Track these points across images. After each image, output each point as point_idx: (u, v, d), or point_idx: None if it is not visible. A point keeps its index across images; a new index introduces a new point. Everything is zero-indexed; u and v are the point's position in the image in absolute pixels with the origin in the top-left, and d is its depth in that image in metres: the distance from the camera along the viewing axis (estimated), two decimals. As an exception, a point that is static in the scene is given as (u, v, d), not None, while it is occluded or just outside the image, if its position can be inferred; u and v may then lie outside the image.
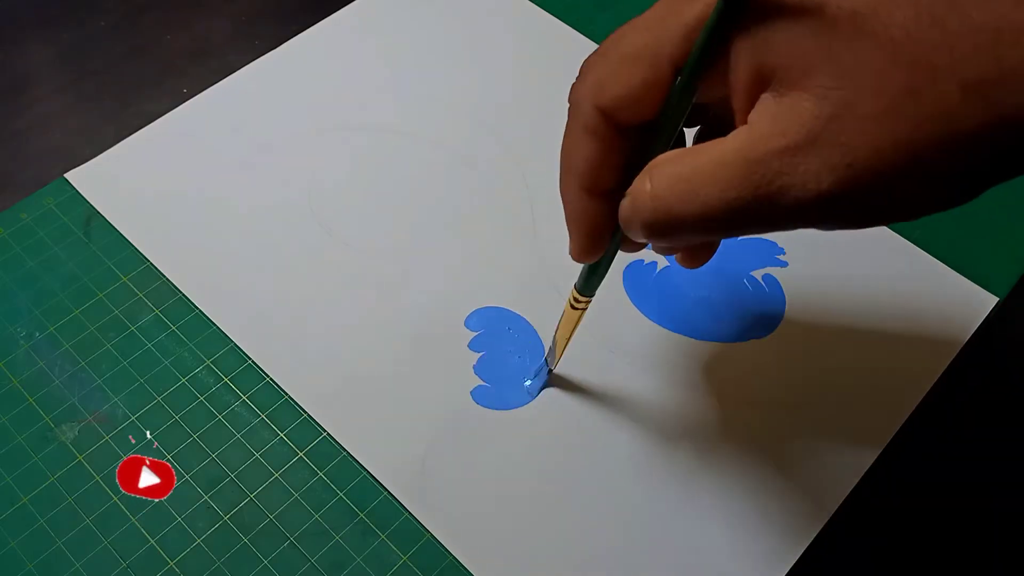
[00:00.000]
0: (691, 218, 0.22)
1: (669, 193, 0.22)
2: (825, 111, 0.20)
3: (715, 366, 0.36)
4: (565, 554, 0.32)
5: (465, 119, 0.43)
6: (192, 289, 0.37)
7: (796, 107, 0.21)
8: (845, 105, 0.20)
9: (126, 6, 0.48)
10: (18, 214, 0.39)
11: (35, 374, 0.35)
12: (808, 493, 0.33)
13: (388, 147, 0.42)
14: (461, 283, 0.38)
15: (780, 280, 0.39)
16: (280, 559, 0.31)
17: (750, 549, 0.32)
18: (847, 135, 0.20)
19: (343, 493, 0.33)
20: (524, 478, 0.33)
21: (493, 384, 0.35)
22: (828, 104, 0.20)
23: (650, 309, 0.37)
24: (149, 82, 0.45)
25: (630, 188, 0.24)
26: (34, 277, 0.37)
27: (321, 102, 0.44)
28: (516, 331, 0.37)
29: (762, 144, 0.21)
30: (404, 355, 0.36)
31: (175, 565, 0.31)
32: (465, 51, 0.46)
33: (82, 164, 0.41)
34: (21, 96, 0.44)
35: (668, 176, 0.22)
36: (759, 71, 0.21)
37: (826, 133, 0.20)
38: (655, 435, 0.34)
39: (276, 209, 0.40)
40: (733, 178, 0.21)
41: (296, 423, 0.34)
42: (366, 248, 0.39)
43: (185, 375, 0.35)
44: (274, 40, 0.46)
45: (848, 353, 0.37)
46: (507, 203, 0.40)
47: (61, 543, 0.31)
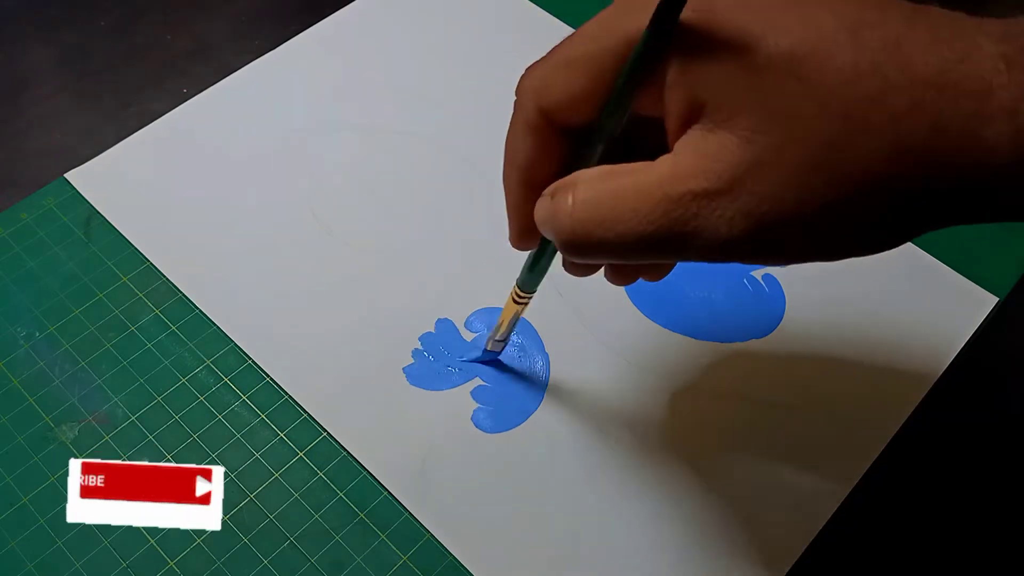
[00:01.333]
0: (607, 243, 0.22)
1: (588, 217, 0.22)
2: (747, 157, 0.20)
3: (715, 366, 0.36)
4: (565, 554, 0.32)
5: (465, 119, 0.43)
6: (192, 289, 0.37)
7: (721, 148, 0.20)
8: (768, 151, 0.20)
9: (126, 6, 0.48)
10: (18, 214, 0.39)
11: (35, 374, 0.35)
12: (808, 493, 0.33)
13: (388, 147, 0.42)
14: (461, 283, 0.38)
15: (780, 280, 0.39)
16: (280, 559, 0.31)
17: (749, 549, 0.32)
18: (766, 184, 0.20)
19: (343, 493, 0.33)
20: (524, 478, 0.33)
21: (493, 386, 0.35)
22: (751, 150, 0.20)
23: (650, 309, 0.37)
24: (149, 82, 0.45)
25: (550, 190, 0.23)
26: (34, 277, 0.37)
27: (321, 102, 0.44)
28: (516, 331, 0.37)
29: (682, 183, 0.21)
30: (404, 355, 0.36)
31: (175, 565, 0.31)
32: (465, 51, 0.46)
33: (82, 164, 0.41)
34: (21, 96, 0.44)
35: (590, 198, 0.22)
36: (691, 102, 0.21)
37: (746, 180, 0.20)
38: (655, 435, 0.34)
39: (276, 209, 0.40)
40: (652, 213, 0.21)
41: (296, 423, 0.34)
42: (366, 248, 0.39)
43: (185, 375, 0.35)
44: (274, 40, 0.46)
45: (848, 353, 0.37)
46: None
47: (61, 543, 0.31)
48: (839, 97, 0.19)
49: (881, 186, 0.19)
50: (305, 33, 0.46)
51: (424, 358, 0.35)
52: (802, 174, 0.20)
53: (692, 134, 0.21)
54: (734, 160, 0.20)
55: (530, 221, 0.25)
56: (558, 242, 0.23)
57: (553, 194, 0.23)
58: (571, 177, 0.23)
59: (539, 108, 0.24)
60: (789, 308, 0.38)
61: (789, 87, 0.19)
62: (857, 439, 0.34)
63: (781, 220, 0.20)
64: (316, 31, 0.46)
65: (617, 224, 0.21)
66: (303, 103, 0.44)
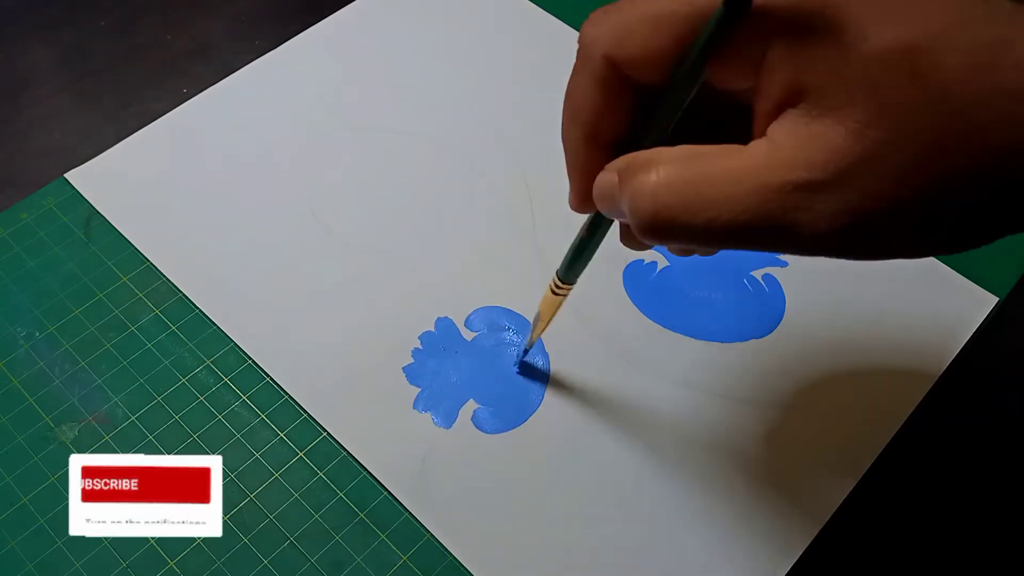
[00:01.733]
0: (693, 229, 0.21)
1: (674, 199, 0.21)
2: (856, 150, 0.19)
3: (715, 366, 0.36)
4: (565, 554, 0.32)
5: (465, 119, 0.43)
6: (192, 289, 0.37)
7: (827, 138, 0.19)
8: (878, 147, 0.19)
9: (126, 6, 0.48)
10: (18, 214, 0.39)
11: (35, 374, 0.35)
12: (807, 493, 0.33)
13: (388, 147, 0.42)
14: (461, 283, 0.38)
15: (780, 280, 0.39)
16: (280, 559, 0.31)
17: (749, 549, 0.32)
18: (873, 180, 0.19)
19: (343, 493, 0.33)
20: (524, 478, 0.33)
21: (493, 386, 0.35)
22: (861, 143, 0.19)
23: (650, 309, 0.37)
24: (149, 82, 0.45)
25: (617, 165, 0.22)
26: (34, 277, 0.37)
27: (321, 102, 0.44)
28: (516, 331, 0.37)
29: (784, 172, 0.20)
30: (404, 355, 0.36)
31: (175, 565, 0.31)
32: (465, 51, 0.46)
33: (82, 164, 0.41)
34: (21, 96, 0.44)
35: (676, 180, 0.21)
36: (794, 84, 0.20)
37: (853, 174, 0.19)
38: (655, 435, 0.34)
39: (276, 209, 0.40)
40: (747, 201, 0.20)
41: (296, 423, 0.34)
42: (366, 248, 0.39)
43: (185, 375, 0.35)
44: (274, 40, 0.46)
45: (848, 353, 0.37)
46: (507, 203, 0.40)
47: (61, 543, 0.31)
48: (953, 95, 0.18)
49: (987, 188, 0.19)
50: (305, 33, 0.46)
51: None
52: (910, 173, 0.19)
53: (790, 119, 0.20)
54: (841, 152, 0.19)
55: (591, 187, 0.24)
56: (635, 223, 0.22)
57: (626, 170, 0.22)
58: (649, 154, 0.22)
59: (611, 60, 0.22)
60: (789, 308, 0.38)
61: (903, 81, 0.19)
62: (857, 439, 0.34)
63: (883, 219, 0.19)
64: (316, 31, 0.46)
65: (707, 211, 0.20)
66: (303, 103, 0.44)
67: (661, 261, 0.39)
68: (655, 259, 0.39)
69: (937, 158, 0.19)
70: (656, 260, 0.39)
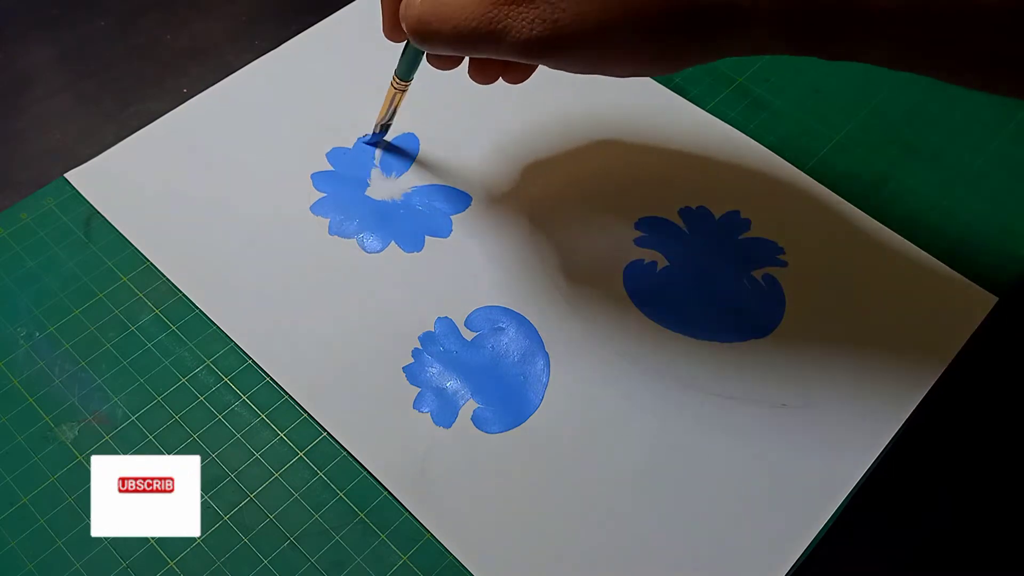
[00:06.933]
0: (443, 34, 0.29)
1: (429, 11, 0.30)
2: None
3: (715, 366, 0.36)
4: (565, 554, 0.32)
5: (464, 118, 0.43)
6: (192, 289, 0.37)
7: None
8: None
9: (126, 6, 0.48)
10: (18, 214, 0.39)
11: (35, 374, 0.35)
12: (808, 493, 0.33)
13: (388, 147, 0.42)
14: (461, 283, 0.38)
15: (780, 280, 0.39)
16: (280, 559, 0.31)
17: (749, 549, 0.32)
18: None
19: (343, 493, 0.33)
20: (524, 478, 0.33)
21: (493, 386, 0.35)
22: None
23: (650, 309, 0.37)
24: (149, 82, 0.45)
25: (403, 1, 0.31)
26: (34, 277, 0.37)
27: (321, 102, 0.44)
28: (516, 331, 0.37)
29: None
30: (404, 355, 0.36)
31: (175, 565, 0.31)
32: (465, 51, 0.46)
33: (82, 164, 0.41)
34: (21, 96, 0.44)
35: (429, 1, 0.30)
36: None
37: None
38: (655, 435, 0.34)
39: (276, 209, 0.40)
40: (473, 14, 0.28)
41: (296, 423, 0.34)
42: (366, 248, 0.39)
43: (185, 375, 0.35)
44: (274, 40, 0.46)
45: (848, 353, 0.37)
46: (507, 203, 0.40)
47: (61, 543, 0.31)
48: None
49: (645, 14, 0.26)
50: (305, 33, 0.46)
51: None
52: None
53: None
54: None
55: (396, 17, 0.32)
56: (407, 29, 0.31)
57: (405, 3, 0.31)
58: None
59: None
60: (789, 308, 0.38)
61: None
62: (857, 439, 0.34)
63: (571, 28, 0.27)
64: (316, 31, 0.46)
65: (450, 19, 0.29)
66: (303, 103, 0.44)
67: (661, 261, 0.39)
68: (655, 259, 0.39)
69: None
70: (656, 260, 0.39)
